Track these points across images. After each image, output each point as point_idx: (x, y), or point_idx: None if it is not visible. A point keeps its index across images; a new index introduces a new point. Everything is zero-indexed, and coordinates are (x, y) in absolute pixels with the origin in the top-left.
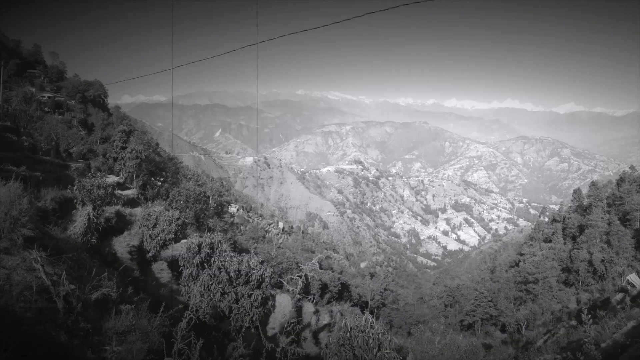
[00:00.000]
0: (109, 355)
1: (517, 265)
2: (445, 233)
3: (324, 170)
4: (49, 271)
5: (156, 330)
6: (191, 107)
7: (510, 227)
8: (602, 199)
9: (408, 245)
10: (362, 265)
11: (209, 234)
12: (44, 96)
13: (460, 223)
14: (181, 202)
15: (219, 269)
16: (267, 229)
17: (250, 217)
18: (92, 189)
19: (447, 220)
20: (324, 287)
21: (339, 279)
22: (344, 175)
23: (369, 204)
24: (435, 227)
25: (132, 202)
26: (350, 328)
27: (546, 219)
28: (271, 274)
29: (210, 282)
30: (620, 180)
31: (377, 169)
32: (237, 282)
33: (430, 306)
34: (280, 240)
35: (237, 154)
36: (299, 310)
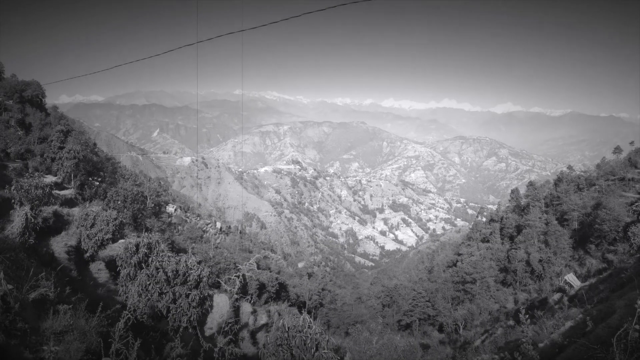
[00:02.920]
0: (46, 355)
1: (455, 265)
2: (383, 233)
3: (262, 170)
4: None
5: (94, 330)
6: (129, 107)
7: (447, 227)
8: (539, 199)
9: (346, 245)
10: (300, 265)
11: (146, 234)
12: None
13: (398, 223)
14: (119, 202)
15: (157, 269)
16: (204, 229)
17: (188, 217)
18: (30, 188)
19: (385, 220)
20: (261, 287)
21: (276, 279)
22: (282, 175)
23: (306, 204)
24: (373, 227)
25: (70, 202)
26: (288, 328)
27: (484, 219)
28: (209, 274)
29: (148, 282)
30: (558, 180)
31: (314, 169)
32: (175, 282)
33: (368, 306)
34: (218, 240)
35: (174, 154)
36: (236, 310)
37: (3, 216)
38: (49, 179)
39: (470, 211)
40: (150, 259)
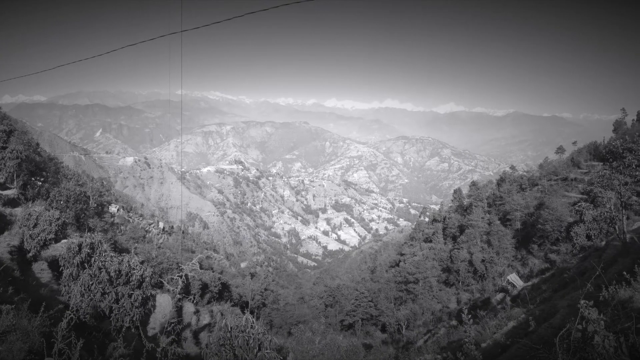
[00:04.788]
0: None
1: (398, 265)
2: (325, 233)
3: (205, 170)
4: None
5: (37, 330)
6: (72, 107)
7: (390, 227)
8: (482, 199)
9: (288, 245)
10: (243, 265)
11: (89, 234)
12: None
13: (341, 223)
14: (62, 202)
15: (100, 268)
16: (147, 229)
17: (130, 217)
18: None
19: (328, 220)
20: (204, 287)
21: (219, 279)
22: (225, 175)
23: (249, 204)
24: (316, 227)
25: (12, 202)
26: (231, 328)
27: (427, 219)
28: (152, 274)
29: (91, 282)
30: (501, 180)
31: (257, 169)
32: (118, 282)
33: (310, 306)
34: (161, 240)
35: (117, 154)
36: (179, 310)
37: None
38: None
39: (413, 211)
40: (93, 259)
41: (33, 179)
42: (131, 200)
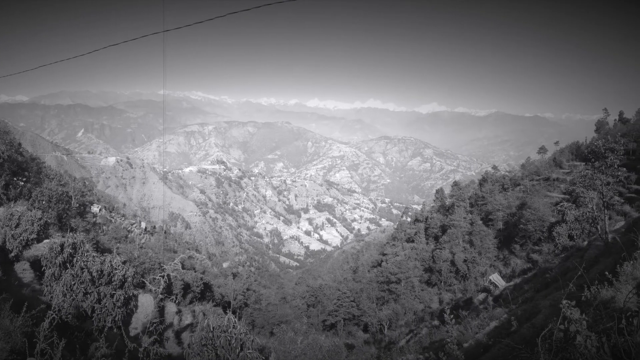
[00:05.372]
0: None
1: (380, 265)
2: (307, 233)
3: (187, 170)
4: None
5: (19, 330)
6: (54, 107)
7: (372, 227)
8: (464, 199)
9: (270, 245)
10: (225, 265)
11: (71, 234)
12: None
13: (323, 223)
14: (44, 202)
15: (82, 268)
16: (129, 229)
17: (112, 217)
18: None
19: (310, 220)
20: (186, 287)
21: (201, 279)
22: (207, 175)
23: (231, 204)
24: (298, 227)
25: None
26: (213, 328)
27: (409, 219)
28: (134, 274)
29: (73, 282)
30: (483, 180)
31: (239, 169)
32: (100, 282)
33: (292, 306)
34: (143, 241)
35: (99, 154)
36: (161, 310)
37: None
38: None
39: (395, 211)
40: (75, 259)
41: (15, 179)
42: (113, 200)
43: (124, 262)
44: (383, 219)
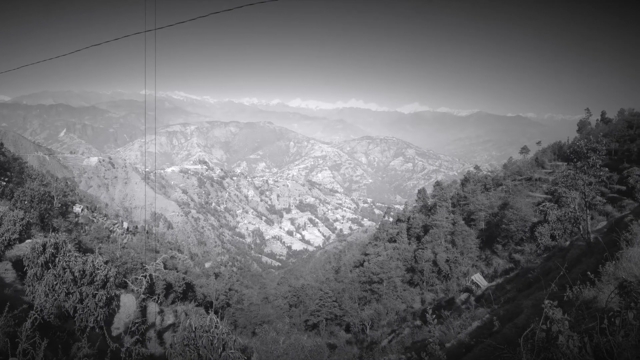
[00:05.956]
0: None
1: (362, 265)
2: (290, 233)
3: (169, 170)
4: None
5: (0, 330)
6: (36, 107)
7: (355, 227)
8: (446, 199)
9: (253, 245)
10: (207, 265)
11: (53, 234)
12: None
13: (305, 223)
14: (26, 202)
15: (64, 269)
16: (111, 229)
17: (95, 217)
18: None
19: (292, 220)
20: (168, 287)
21: (183, 279)
22: (189, 175)
23: (213, 204)
24: (280, 227)
25: None
26: (195, 328)
27: (391, 219)
28: (116, 274)
29: (55, 282)
30: (465, 180)
31: (221, 169)
32: (82, 282)
33: (275, 306)
34: (125, 241)
35: (81, 154)
36: (143, 310)
37: None
38: None
39: (377, 211)
40: (57, 259)
41: None
42: (95, 200)
43: (106, 262)
44: (365, 219)
